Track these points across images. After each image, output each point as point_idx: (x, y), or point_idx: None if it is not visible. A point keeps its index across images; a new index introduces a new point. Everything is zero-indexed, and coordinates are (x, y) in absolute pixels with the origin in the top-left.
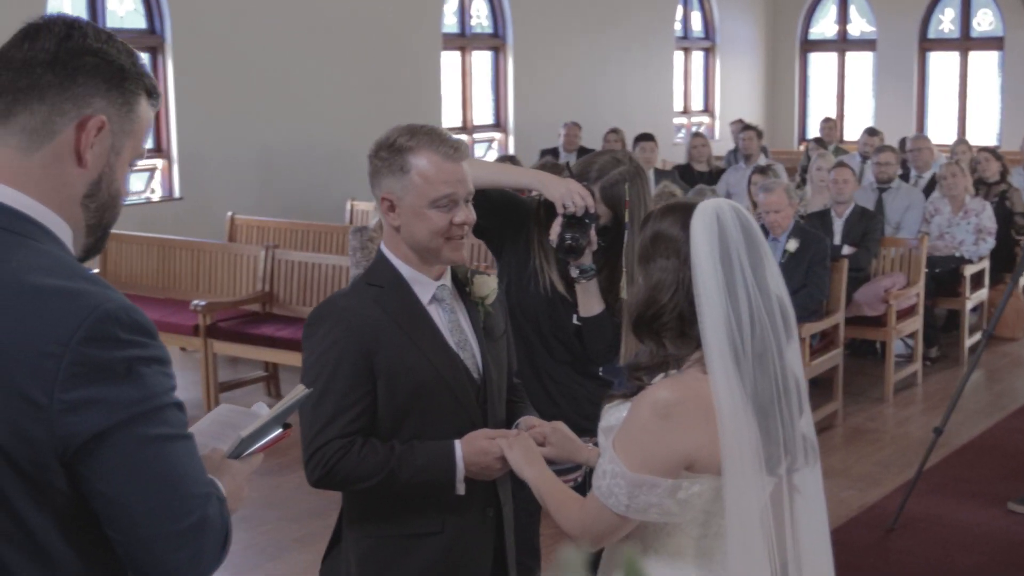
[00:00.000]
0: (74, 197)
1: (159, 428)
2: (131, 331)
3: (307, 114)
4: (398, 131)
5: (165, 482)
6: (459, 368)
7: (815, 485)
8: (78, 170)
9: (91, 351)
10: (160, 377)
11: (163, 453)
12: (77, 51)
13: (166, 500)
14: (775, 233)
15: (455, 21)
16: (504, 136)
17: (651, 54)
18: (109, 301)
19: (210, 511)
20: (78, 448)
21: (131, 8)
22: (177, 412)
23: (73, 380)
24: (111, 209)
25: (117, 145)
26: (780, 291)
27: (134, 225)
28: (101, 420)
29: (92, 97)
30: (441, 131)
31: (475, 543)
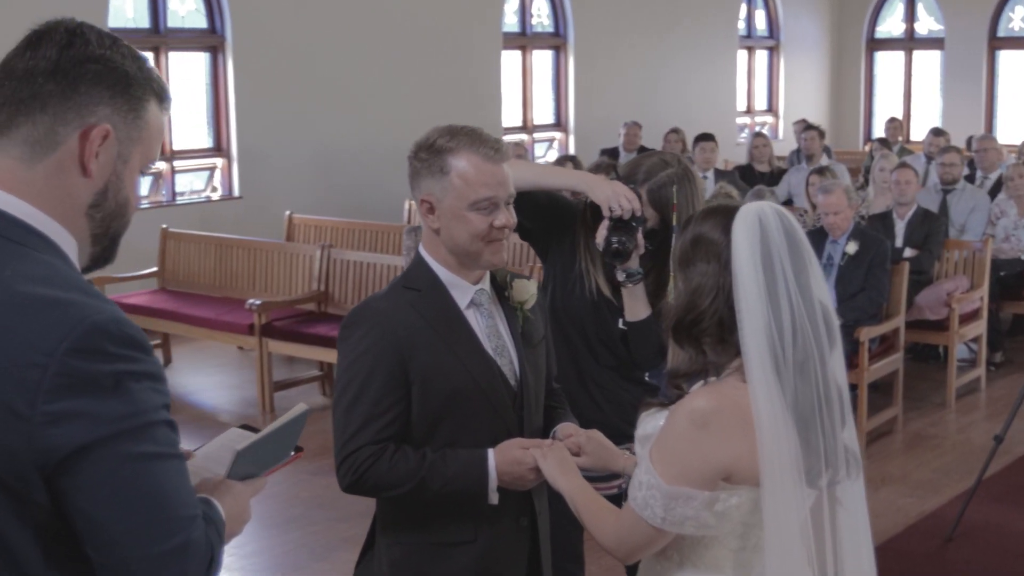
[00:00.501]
0: (78, 207)
1: (145, 446)
2: (121, 345)
3: (366, 113)
4: (438, 132)
5: (149, 502)
6: (495, 374)
7: (858, 498)
8: (83, 180)
9: (77, 363)
10: (150, 393)
11: (148, 472)
12: (79, 59)
13: (149, 520)
14: (834, 235)
15: (516, 20)
16: (564, 136)
17: (714, 53)
18: (99, 313)
19: (195, 534)
20: (59, 462)
21: (192, 8)
22: (167, 431)
23: (57, 392)
24: (119, 218)
25: (124, 153)
26: (824, 298)
27: (193, 224)
28: (84, 434)
29: (96, 105)
30: (482, 132)
31: (508, 552)
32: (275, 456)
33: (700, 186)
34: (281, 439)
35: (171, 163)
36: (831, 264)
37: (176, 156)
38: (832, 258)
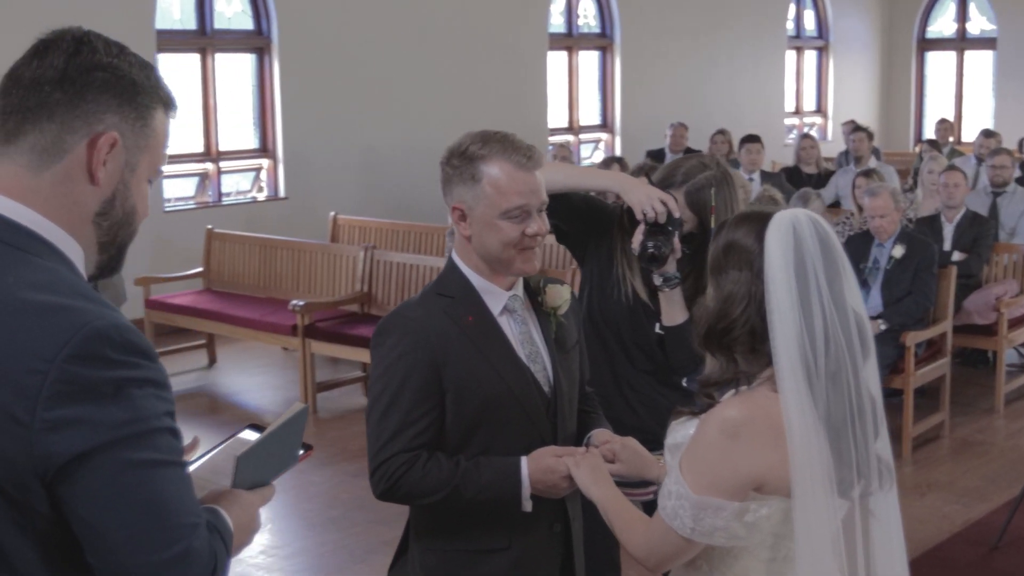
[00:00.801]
0: (85, 215)
1: (146, 453)
2: (123, 351)
3: (412, 115)
4: (470, 138)
5: (148, 509)
6: (529, 381)
7: (891, 509)
8: (90, 188)
9: (76, 369)
10: (152, 400)
11: (148, 479)
12: (86, 67)
13: (149, 528)
14: (880, 238)
15: (562, 21)
16: (611, 137)
17: (762, 53)
18: (101, 319)
19: (196, 542)
20: (58, 469)
21: (239, 10)
22: (169, 438)
23: (56, 398)
24: (126, 227)
25: (132, 161)
26: (858, 306)
27: (239, 224)
28: (83, 441)
29: (103, 114)
30: (514, 138)
31: (542, 560)
32: (281, 460)
33: (739, 189)
34: (283, 441)
35: (217, 164)
36: (877, 268)
37: (222, 157)
38: (878, 262)
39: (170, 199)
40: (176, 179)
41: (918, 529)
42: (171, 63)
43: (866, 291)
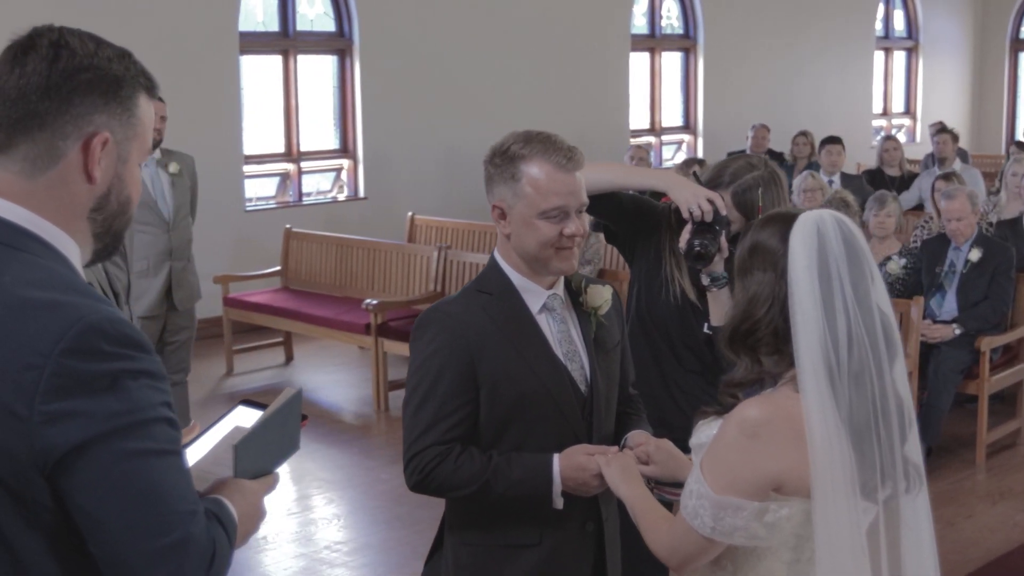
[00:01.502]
0: (80, 212)
1: (142, 442)
2: (117, 344)
3: (491, 115)
4: (513, 137)
5: (146, 498)
6: (564, 379)
7: (921, 513)
8: (87, 187)
9: (72, 363)
10: (148, 391)
11: (145, 468)
12: (69, 72)
13: (146, 516)
14: (957, 242)
15: (644, 22)
16: (693, 138)
17: (850, 54)
18: (95, 313)
19: (194, 529)
20: (57, 461)
21: (321, 12)
22: (166, 427)
23: (53, 392)
24: (121, 216)
25: (123, 153)
26: (885, 308)
27: (319, 224)
28: (80, 432)
29: (92, 114)
30: (556, 139)
31: (573, 557)
32: (281, 446)
33: (785, 189)
34: (281, 427)
35: (298, 164)
36: (953, 272)
37: (303, 157)
38: (955, 265)
39: (251, 199)
40: (257, 179)
41: (987, 537)
42: (254, 64)
43: (942, 295)
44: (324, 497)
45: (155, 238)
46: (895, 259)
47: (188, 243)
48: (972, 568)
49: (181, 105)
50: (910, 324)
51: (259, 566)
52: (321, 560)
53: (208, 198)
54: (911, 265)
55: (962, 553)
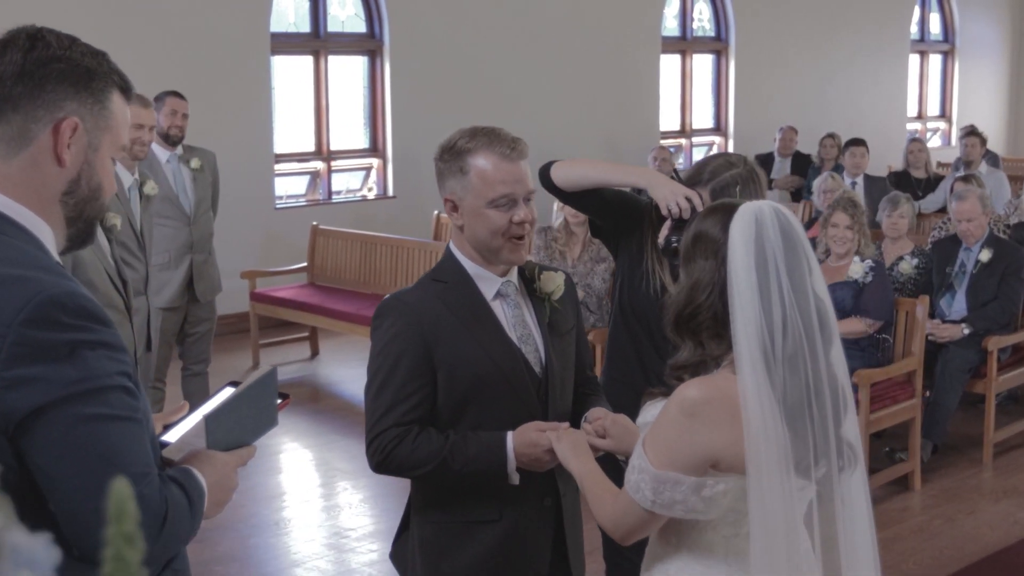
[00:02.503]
0: (53, 195)
1: (97, 408)
2: (76, 316)
3: (521, 116)
4: (460, 133)
5: (98, 459)
6: (519, 361)
7: (857, 491)
8: (57, 170)
9: (31, 332)
10: (105, 361)
11: (99, 432)
12: (42, 61)
13: (97, 476)
14: (967, 243)
15: (676, 24)
16: (723, 140)
17: (884, 57)
18: (56, 287)
19: (145, 490)
20: (18, 424)
21: (352, 13)
22: (122, 395)
23: (13, 359)
24: (92, 202)
25: (94, 142)
26: (822, 295)
27: (348, 222)
28: (38, 397)
29: (63, 101)
30: (500, 132)
31: (532, 532)
32: (257, 421)
33: (764, 187)
34: (255, 402)
35: (328, 163)
36: (963, 272)
37: (333, 156)
38: (965, 266)
39: (281, 196)
40: (288, 177)
41: (986, 534)
42: (285, 65)
43: (952, 295)
44: (341, 485)
45: (176, 231)
46: (907, 259)
47: (209, 237)
48: (967, 563)
49: (213, 104)
50: (915, 323)
51: (282, 549)
52: (338, 547)
53: (239, 195)
54: (923, 266)
55: (960, 548)
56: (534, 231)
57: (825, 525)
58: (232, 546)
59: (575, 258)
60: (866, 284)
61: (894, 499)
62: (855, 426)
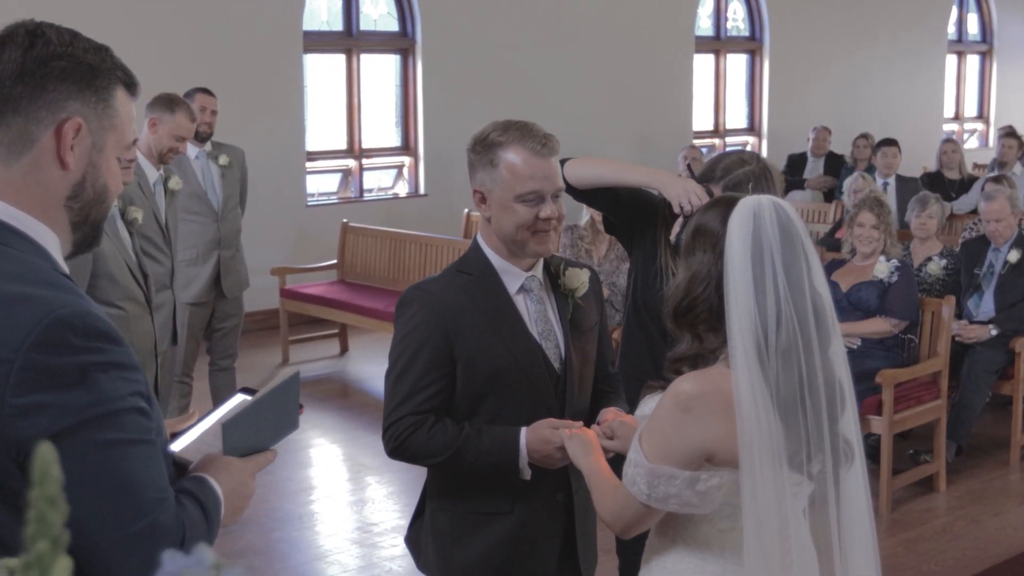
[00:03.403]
0: (57, 200)
1: (112, 433)
2: (86, 337)
3: (553, 115)
4: (493, 126)
5: (114, 487)
6: (538, 357)
7: (855, 487)
8: (60, 173)
9: (41, 356)
10: (118, 382)
11: (114, 457)
12: (43, 59)
13: (115, 504)
14: (996, 243)
15: (710, 24)
16: (757, 140)
17: (921, 57)
18: (64, 307)
19: (163, 516)
20: (29, 452)
21: (384, 12)
22: (137, 417)
23: (23, 385)
24: (98, 205)
25: (98, 142)
26: (822, 291)
27: (379, 219)
28: (50, 424)
29: (65, 101)
30: (533, 127)
31: (543, 526)
32: (276, 426)
33: (779, 184)
34: (276, 407)
35: (360, 161)
36: (992, 272)
37: (365, 154)
38: (993, 266)
39: (313, 194)
40: (319, 175)
41: (1011, 535)
42: (317, 63)
43: (979, 296)
44: (367, 480)
45: (204, 227)
46: (935, 260)
47: (237, 233)
48: (990, 564)
49: (246, 102)
50: (941, 323)
51: (305, 543)
52: (361, 542)
53: (270, 193)
54: (951, 266)
55: (983, 550)
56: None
57: (819, 525)
58: (255, 539)
59: (601, 256)
60: (891, 284)
61: (918, 500)
62: (853, 422)
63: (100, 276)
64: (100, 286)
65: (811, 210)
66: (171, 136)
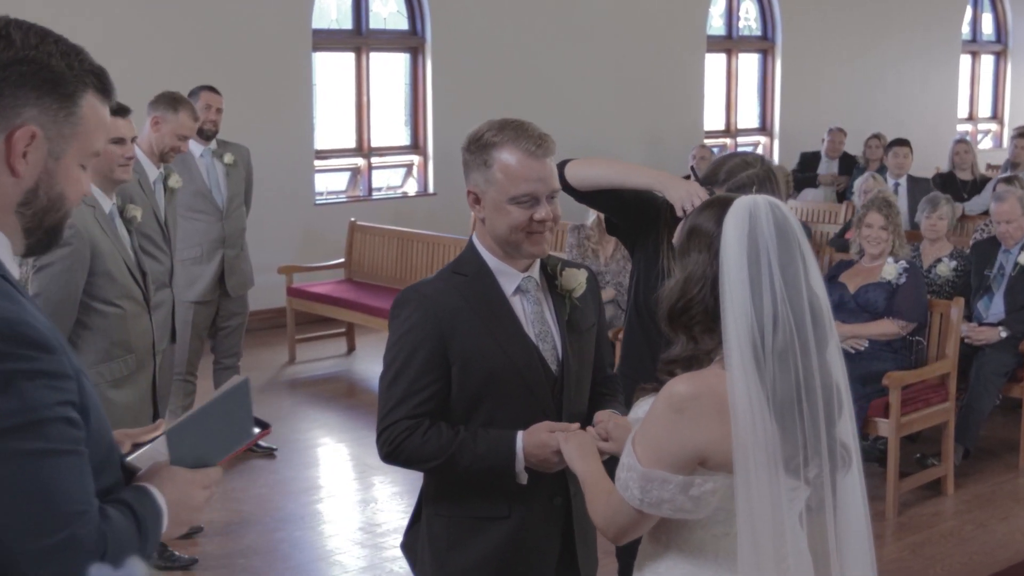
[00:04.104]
0: (8, 205)
1: (34, 442)
2: (13, 344)
3: (564, 114)
4: (488, 125)
5: (32, 498)
6: (534, 358)
7: (852, 491)
8: (12, 180)
9: None
10: (44, 391)
11: (34, 468)
12: (3, 63)
13: (31, 516)
14: (1006, 244)
15: (722, 23)
16: (769, 140)
17: (934, 57)
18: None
19: (80, 530)
20: None
21: (394, 10)
22: (63, 427)
23: None
24: (52, 212)
25: (56, 150)
26: (819, 291)
27: (388, 218)
28: None
29: (22, 107)
30: (528, 126)
31: (541, 530)
32: (227, 436)
33: (783, 186)
34: (226, 415)
35: (368, 160)
36: (1002, 274)
37: (374, 153)
38: (1004, 268)
39: (321, 192)
40: (328, 173)
41: (1019, 540)
42: (327, 61)
43: (989, 297)
44: (373, 480)
45: (208, 226)
46: (945, 261)
47: (242, 232)
48: (997, 569)
49: (255, 100)
50: (949, 325)
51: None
52: (363, 543)
53: (279, 191)
54: (961, 268)
55: (991, 554)
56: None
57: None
58: (257, 539)
59: (608, 256)
60: (899, 285)
61: (926, 503)
62: (850, 427)
63: (98, 274)
64: (98, 284)
65: (821, 210)
66: (173, 135)
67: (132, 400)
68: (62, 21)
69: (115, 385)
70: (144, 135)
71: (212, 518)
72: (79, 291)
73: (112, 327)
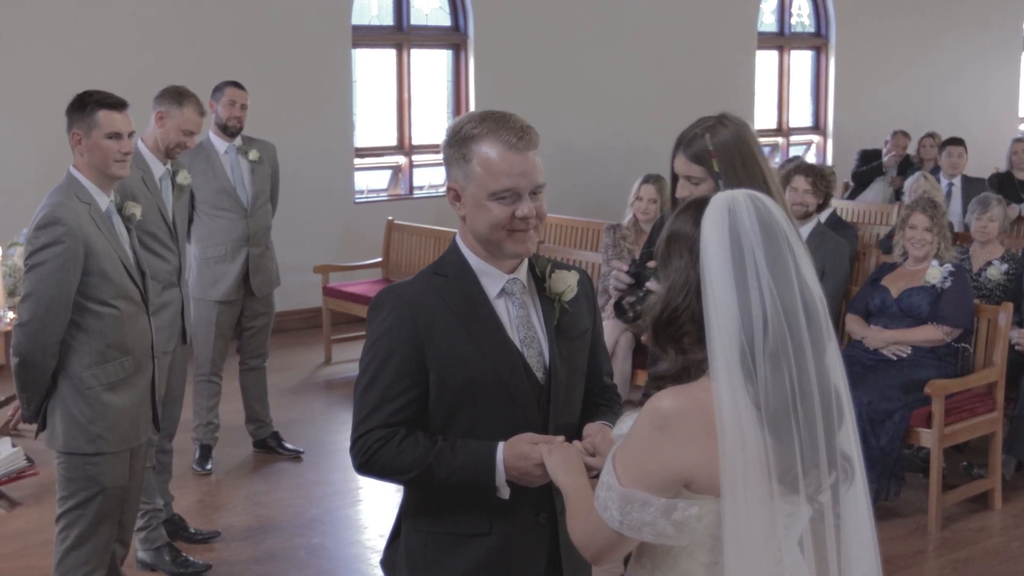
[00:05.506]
0: None
1: None
2: None
3: (608, 111)
4: (468, 117)
5: None
6: (518, 365)
7: (856, 506)
8: None
9: None
10: None
11: None
12: None
13: None
14: None
15: (773, 20)
16: (822, 139)
17: (993, 56)
18: None
19: None
20: None
21: (436, 6)
22: None
23: None
24: None
25: None
26: (812, 286)
27: (429, 217)
28: None
29: None
30: (511, 118)
31: (525, 547)
32: None
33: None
34: None
35: (410, 157)
36: None
37: (415, 151)
38: None
39: (362, 191)
40: (369, 171)
41: None
42: (367, 58)
43: None
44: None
45: (233, 224)
46: (996, 264)
47: (267, 230)
48: None
49: (294, 97)
50: (997, 331)
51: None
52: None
53: (317, 189)
54: (1013, 271)
55: None
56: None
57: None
58: (276, 545)
59: None
60: (944, 289)
61: (971, 518)
62: (852, 436)
63: (92, 274)
64: (92, 284)
65: (872, 211)
66: (178, 130)
67: (129, 404)
68: (100, 20)
69: (111, 388)
70: (149, 130)
71: (232, 522)
72: (72, 290)
73: (107, 328)
